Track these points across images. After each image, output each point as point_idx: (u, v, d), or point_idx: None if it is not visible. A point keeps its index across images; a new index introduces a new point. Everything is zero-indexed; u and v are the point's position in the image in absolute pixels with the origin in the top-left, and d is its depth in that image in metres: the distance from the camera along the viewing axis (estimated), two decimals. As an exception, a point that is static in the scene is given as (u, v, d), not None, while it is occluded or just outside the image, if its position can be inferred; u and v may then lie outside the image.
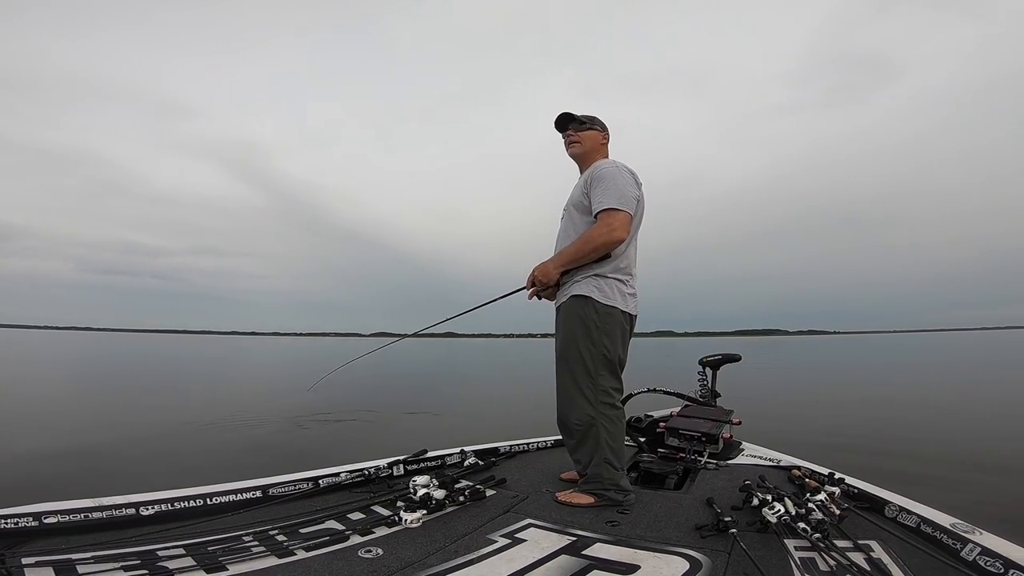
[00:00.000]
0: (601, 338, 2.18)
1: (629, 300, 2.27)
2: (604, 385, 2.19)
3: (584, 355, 2.19)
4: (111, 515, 1.69)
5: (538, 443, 3.08)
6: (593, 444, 2.17)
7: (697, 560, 1.58)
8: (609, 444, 2.16)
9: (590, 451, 2.18)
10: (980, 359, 25.86)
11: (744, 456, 2.91)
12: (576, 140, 2.39)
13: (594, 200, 2.18)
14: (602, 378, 2.19)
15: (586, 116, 2.41)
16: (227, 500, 1.93)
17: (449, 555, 1.59)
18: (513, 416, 8.91)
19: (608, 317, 2.20)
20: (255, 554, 1.52)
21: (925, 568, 1.53)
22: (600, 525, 1.89)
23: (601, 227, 2.14)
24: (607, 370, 2.20)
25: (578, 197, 2.28)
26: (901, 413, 8.82)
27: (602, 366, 2.19)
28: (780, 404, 9.75)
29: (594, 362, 2.18)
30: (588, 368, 2.19)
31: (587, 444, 2.19)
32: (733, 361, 3.63)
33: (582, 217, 2.27)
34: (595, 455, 2.16)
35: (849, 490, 2.19)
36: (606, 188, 2.15)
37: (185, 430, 7.24)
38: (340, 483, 2.23)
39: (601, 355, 2.19)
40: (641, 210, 2.28)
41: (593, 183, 2.20)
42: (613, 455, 2.16)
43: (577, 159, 2.43)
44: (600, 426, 2.16)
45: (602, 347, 2.19)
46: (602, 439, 2.15)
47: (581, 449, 2.23)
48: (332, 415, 8.65)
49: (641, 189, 2.27)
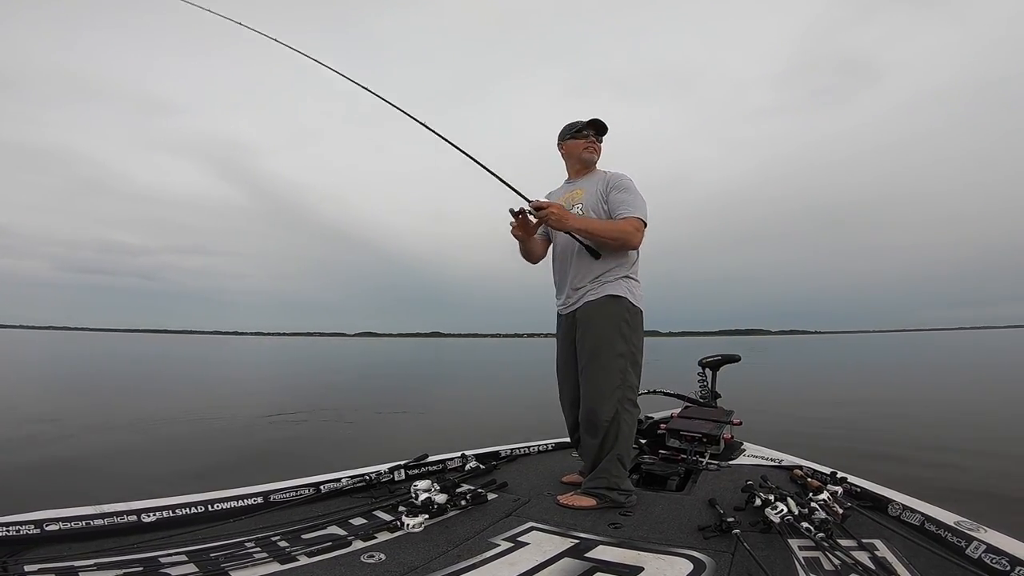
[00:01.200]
0: (632, 337, 2.27)
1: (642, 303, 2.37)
2: (632, 383, 2.25)
3: (620, 353, 2.24)
4: (113, 522, 1.68)
5: (539, 446, 3.07)
6: (612, 441, 2.21)
7: (701, 561, 1.57)
8: (625, 442, 2.21)
9: (608, 447, 2.21)
10: (962, 358, 26.25)
11: (745, 456, 2.91)
12: (597, 150, 2.47)
13: (625, 203, 2.26)
14: (630, 376, 2.25)
15: (597, 125, 2.47)
16: (229, 506, 1.92)
17: (451, 559, 1.58)
18: (508, 418, 8.91)
19: (638, 317, 2.30)
20: (257, 560, 1.52)
21: (930, 566, 1.52)
22: (602, 527, 1.88)
23: (629, 225, 2.22)
24: (634, 370, 2.27)
25: (594, 201, 2.33)
26: (897, 411, 8.91)
27: (630, 365, 2.26)
28: (779, 404, 9.79)
29: (626, 360, 2.25)
30: (621, 367, 2.24)
31: (608, 441, 2.21)
32: (733, 362, 3.65)
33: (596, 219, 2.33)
34: (609, 451, 2.19)
35: (852, 489, 2.19)
36: (636, 198, 2.27)
37: (151, 429, 7.19)
38: (342, 488, 2.22)
39: (631, 354, 2.26)
40: None
41: (618, 189, 2.30)
42: (625, 453, 2.21)
43: (587, 165, 2.48)
44: (622, 421, 2.20)
45: (632, 346, 2.26)
46: (621, 435, 2.20)
47: (602, 446, 2.22)
48: (303, 415, 8.63)
49: None
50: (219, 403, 10.48)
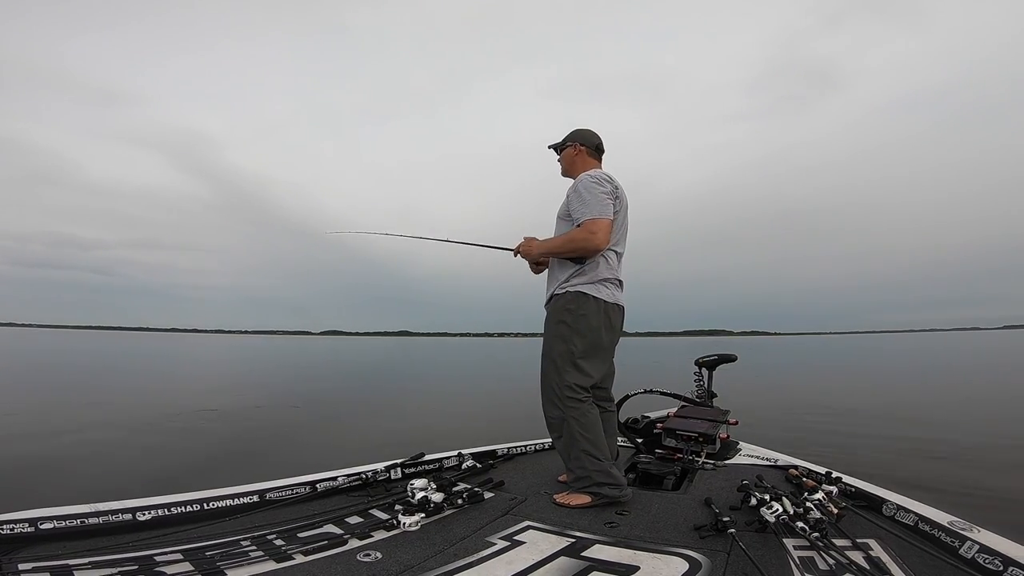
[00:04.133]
0: (572, 337, 2.28)
1: (609, 296, 2.35)
2: (569, 381, 2.26)
3: (555, 355, 2.30)
4: (108, 520, 1.69)
5: (535, 445, 3.07)
6: (569, 439, 2.23)
7: (696, 560, 1.58)
8: (584, 435, 2.21)
9: (567, 446, 2.25)
10: (926, 360, 26.65)
11: (741, 456, 2.93)
12: (560, 161, 2.61)
13: (574, 213, 2.32)
14: (568, 374, 2.27)
15: (566, 136, 2.59)
16: (225, 505, 1.92)
17: (448, 558, 1.58)
18: (480, 419, 8.82)
19: (581, 319, 2.29)
20: (253, 559, 1.52)
21: (924, 566, 1.54)
22: (599, 526, 1.89)
23: (583, 231, 2.26)
24: (573, 367, 2.28)
25: (563, 209, 2.42)
26: (889, 410, 8.99)
27: (568, 363, 2.28)
28: (779, 404, 9.85)
29: (562, 360, 2.29)
30: (557, 366, 2.29)
31: (564, 439, 2.26)
32: (729, 361, 3.66)
33: (567, 227, 2.38)
34: (573, 449, 2.21)
35: (847, 489, 2.21)
36: (583, 200, 2.29)
37: (86, 431, 6.92)
38: (338, 487, 2.22)
39: (568, 352, 2.28)
40: (623, 215, 2.40)
41: (574, 196, 2.34)
42: (591, 445, 2.20)
43: (566, 176, 2.58)
44: (570, 420, 2.23)
45: (571, 344, 2.28)
46: (575, 432, 2.21)
47: (565, 445, 2.28)
48: (262, 412, 8.33)
49: (620, 192, 2.37)
50: (156, 402, 10.00)
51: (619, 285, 2.40)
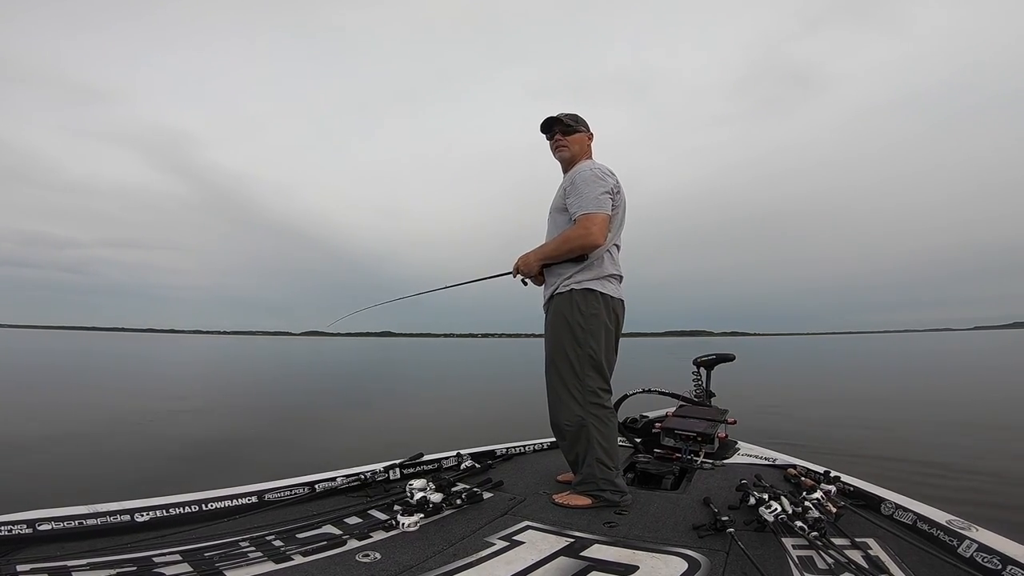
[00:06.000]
0: (587, 339, 2.20)
1: (615, 292, 2.29)
2: (592, 386, 2.20)
3: (571, 357, 2.21)
4: (106, 522, 1.68)
5: (534, 445, 3.07)
6: (585, 444, 2.18)
7: (695, 560, 1.59)
8: (600, 444, 2.16)
9: (583, 452, 2.19)
10: (911, 360, 26.80)
11: (740, 455, 2.94)
12: (564, 145, 2.38)
13: (571, 207, 2.22)
14: (589, 379, 2.20)
15: (571, 117, 2.39)
16: (223, 506, 1.92)
17: (447, 558, 1.58)
18: (472, 419, 8.78)
19: (593, 318, 2.22)
20: (252, 560, 1.52)
21: (922, 565, 1.54)
22: (598, 526, 1.89)
23: (578, 228, 2.18)
24: (594, 370, 2.21)
25: (559, 201, 2.31)
26: (883, 410, 9.05)
27: (588, 367, 2.20)
28: (777, 404, 9.86)
29: (580, 363, 2.20)
30: (575, 369, 2.20)
31: (579, 445, 2.20)
32: (727, 361, 3.65)
33: (564, 220, 2.29)
34: (587, 455, 2.17)
35: (845, 488, 2.22)
36: (581, 194, 2.19)
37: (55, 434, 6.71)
38: (337, 487, 2.22)
39: (587, 356, 2.20)
40: (622, 210, 2.31)
41: (571, 189, 2.24)
42: (605, 454, 2.16)
43: (564, 163, 2.42)
44: (591, 426, 2.17)
45: (588, 348, 2.20)
46: (593, 439, 2.16)
47: (574, 450, 2.23)
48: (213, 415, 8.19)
49: (620, 189, 2.29)
50: (121, 406, 9.75)
51: (621, 280, 2.35)
